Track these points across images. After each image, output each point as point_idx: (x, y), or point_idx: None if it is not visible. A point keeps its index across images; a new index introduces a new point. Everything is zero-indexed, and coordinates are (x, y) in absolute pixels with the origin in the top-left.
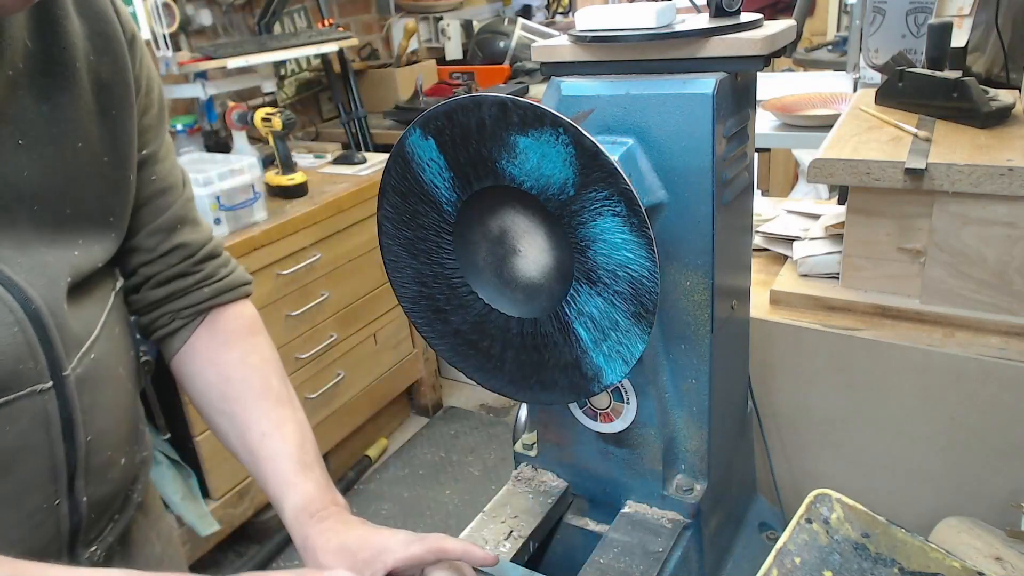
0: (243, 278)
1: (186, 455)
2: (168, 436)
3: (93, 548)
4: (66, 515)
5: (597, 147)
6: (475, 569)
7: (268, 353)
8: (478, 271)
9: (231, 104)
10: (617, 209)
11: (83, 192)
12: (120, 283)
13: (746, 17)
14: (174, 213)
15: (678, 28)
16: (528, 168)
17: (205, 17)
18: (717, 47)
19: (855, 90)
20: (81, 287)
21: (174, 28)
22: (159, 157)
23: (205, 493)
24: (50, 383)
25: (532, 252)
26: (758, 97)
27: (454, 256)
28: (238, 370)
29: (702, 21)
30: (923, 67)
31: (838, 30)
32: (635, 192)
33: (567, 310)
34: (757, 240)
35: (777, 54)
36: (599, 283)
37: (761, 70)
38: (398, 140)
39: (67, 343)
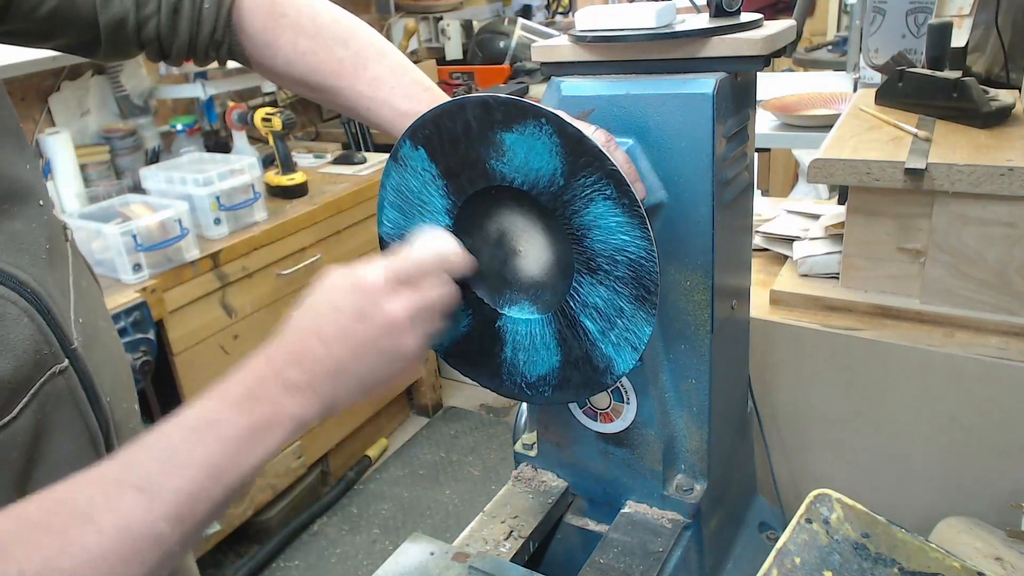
0: None
1: None
2: None
3: None
4: None
5: (580, 132)
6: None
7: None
8: (481, 276)
9: (231, 104)
10: (607, 192)
11: None
12: (70, 231)
13: (746, 17)
14: None
15: (678, 28)
16: (517, 164)
17: None
18: (717, 47)
19: (855, 90)
20: (46, 247)
21: None
22: None
23: None
24: (66, 361)
25: (532, 250)
26: (758, 97)
27: None
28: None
29: (702, 21)
30: (923, 67)
31: (838, 30)
32: (623, 172)
33: (572, 304)
34: (757, 240)
35: (777, 54)
36: (600, 271)
37: (761, 70)
38: (390, 154)
39: (63, 315)
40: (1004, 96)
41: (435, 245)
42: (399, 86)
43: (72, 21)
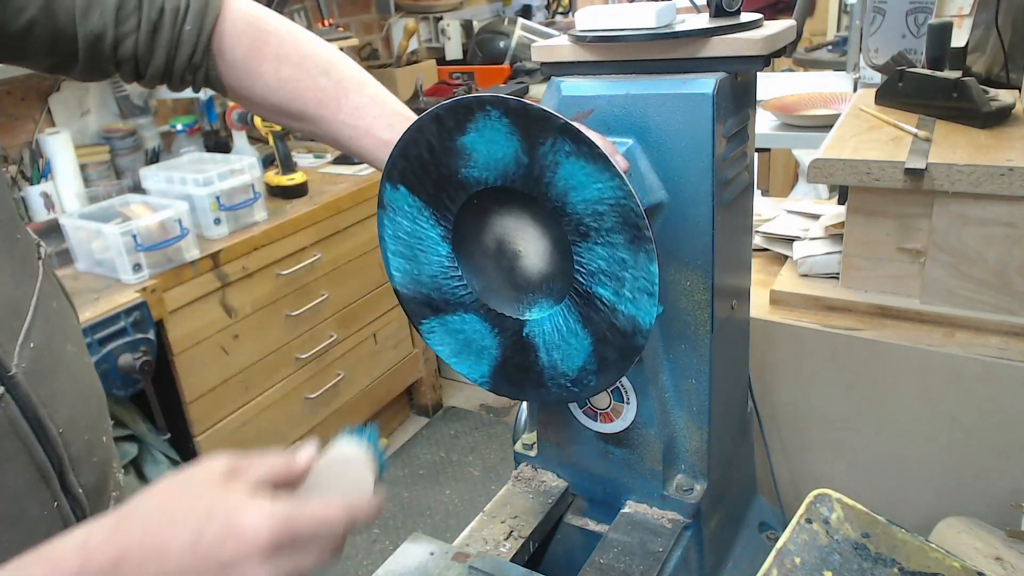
0: None
1: (186, 455)
2: (168, 436)
3: None
4: (70, 514)
5: (522, 103)
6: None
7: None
8: (495, 292)
9: (231, 104)
10: (567, 149)
11: None
12: (44, 248)
13: (746, 17)
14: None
15: (678, 28)
16: (483, 162)
17: None
18: (717, 47)
19: (855, 90)
20: (2, 266)
21: None
22: None
23: None
24: (1, 389)
25: (531, 246)
26: (758, 97)
27: (469, 289)
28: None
29: (702, 21)
30: (923, 67)
31: (838, 30)
32: (573, 123)
33: (581, 279)
34: (757, 240)
35: (777, 54)
36: (591, 231)
37: (761, 70)
38: (377, 202)
39: (4, 338)
40: (1004, 96)
41: (349, 499)
42: (381, 116)
43: (49, 34)
